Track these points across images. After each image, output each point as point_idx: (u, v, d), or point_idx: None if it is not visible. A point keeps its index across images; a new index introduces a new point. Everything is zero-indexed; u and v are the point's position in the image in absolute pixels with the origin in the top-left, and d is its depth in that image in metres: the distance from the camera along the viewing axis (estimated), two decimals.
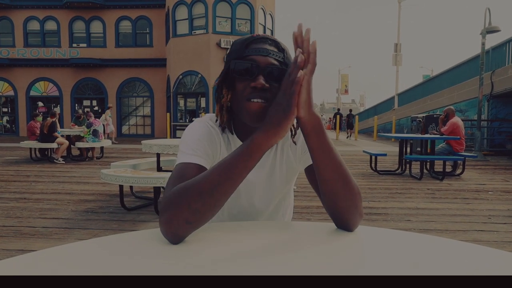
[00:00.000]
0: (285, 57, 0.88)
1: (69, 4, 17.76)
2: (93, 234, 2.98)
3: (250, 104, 0.84)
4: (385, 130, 19.73)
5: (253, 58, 0.85)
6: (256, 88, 0.83)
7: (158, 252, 0.68)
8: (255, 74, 0.84)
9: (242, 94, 0.85)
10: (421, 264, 0.63)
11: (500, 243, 2.87)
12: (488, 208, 3.97)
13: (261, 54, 0.85)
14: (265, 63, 0.85)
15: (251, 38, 0.88)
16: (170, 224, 0.70)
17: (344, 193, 0.79)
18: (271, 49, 0.87)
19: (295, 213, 3.61)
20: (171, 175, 0.84)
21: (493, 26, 8.82)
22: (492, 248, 0.70)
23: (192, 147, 0.88)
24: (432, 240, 0.77)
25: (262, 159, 0.98)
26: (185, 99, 16.76)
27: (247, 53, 0.86)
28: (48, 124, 7.70)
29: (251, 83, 0.83)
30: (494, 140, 10.72)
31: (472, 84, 11.44)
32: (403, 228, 3.21)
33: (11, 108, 19.27)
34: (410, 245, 0.75)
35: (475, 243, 0.73)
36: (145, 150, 4.09)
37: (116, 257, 0.66)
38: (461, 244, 0.74)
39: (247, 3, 15.86)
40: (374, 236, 0.81)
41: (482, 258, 0.67)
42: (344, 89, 43.79)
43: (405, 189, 5.02)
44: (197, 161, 0.86)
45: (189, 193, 0.71)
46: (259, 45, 0.87)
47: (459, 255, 0.69)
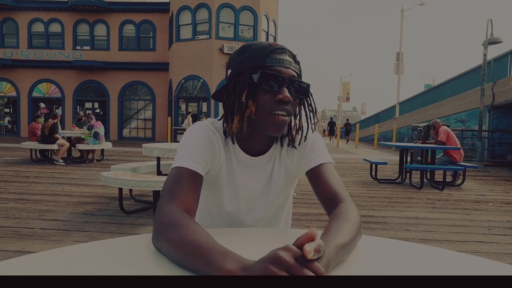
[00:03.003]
0: (300, 69, 0.89)
1: (73, 6, 17.89)
2: (91, 237, 2.97)
3: (275, 117, 0.84)
4: (385, 139, 19.73)
5: (277, 69, 0.84)
6: (282, 101, 0.83)
7: (156, 255, 0.68)
8: (280, 86, 0.83)
9: (268, 106, 0.84)
10: (420, 274, 0.63)
11: (500, 255, 2.85)
12: (488, 219, 3.95)
13: (284, 66, 0.84)
14: (288, 75, 0.84)
15: (270, 47, 0.86)
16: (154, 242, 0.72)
17: None
18: (291, 60, 0.87)
19: (294, 220, 3.60)
20: (167, 179, 0.84)
21: (495, 37, 8.86)
22: (491, 260, 0.70)
23: (190, 151, 0.87)
24: (431, 250, 0.77)
25: (260, 167, 0.99)
26: (187, 103, 16.80)
27: (270, 63, 0.84)
28: (49, 126, 7.71)
29: (277, 95, 0.83)
30: (495, 151, 10.71)
31: (473, 95, 11.46)
32: (402, 238, 3.20)
33: (13, 109, 19.32)
34: (409, 255, 0.75)
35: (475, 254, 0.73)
36: (146, 153, 4.09)
37: (114, 260, 0.66)
38: (460, 255, 0.74)
39: (251, 9, 15.96)
40: (373, 245, 0.81)
41: (481, 269, 0.67)
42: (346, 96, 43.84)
43: (405, 198, 5.01)
44: (192, 166, 0.85)
45: (168, 241, 0.67)
46: (281, 56, 0.85)
47: (458, 266, 0.68)
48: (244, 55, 0.87)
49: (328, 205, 0.88)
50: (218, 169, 0.96)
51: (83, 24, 18.54)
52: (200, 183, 0.86)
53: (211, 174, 0.97)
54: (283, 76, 0.83)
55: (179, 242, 0.64)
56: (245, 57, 0.87)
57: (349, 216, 0.79)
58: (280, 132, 0.86)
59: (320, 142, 0.99)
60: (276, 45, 0.88)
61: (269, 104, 0.84)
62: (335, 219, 0.78)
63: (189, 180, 0.82)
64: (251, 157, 0.97)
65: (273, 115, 0.84)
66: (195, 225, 0.69)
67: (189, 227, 0.67)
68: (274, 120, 0.84)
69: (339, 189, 0.89)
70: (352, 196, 4.96)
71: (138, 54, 18.42)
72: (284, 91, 0.83)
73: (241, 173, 0.98)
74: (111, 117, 18.78)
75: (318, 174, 0.92)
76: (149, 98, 18.72)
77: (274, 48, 0.86)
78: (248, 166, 0.98)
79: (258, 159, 0.98)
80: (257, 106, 0.85)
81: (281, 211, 1.11)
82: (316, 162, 0.94)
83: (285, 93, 0.82)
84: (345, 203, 0.85)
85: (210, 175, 0.97)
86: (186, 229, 0.66)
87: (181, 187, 0.80)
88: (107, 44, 18.53)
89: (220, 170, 0.96)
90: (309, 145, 0.97)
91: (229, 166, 0.97)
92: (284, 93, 0.82)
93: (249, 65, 0.85)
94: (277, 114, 0.84)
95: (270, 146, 0.99)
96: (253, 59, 0.85)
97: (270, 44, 0.87)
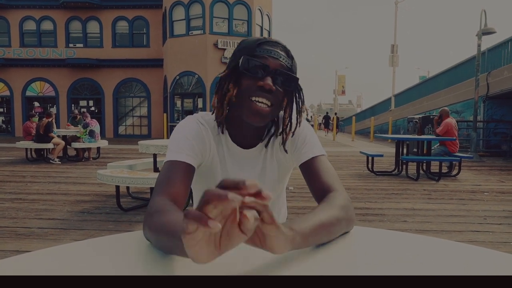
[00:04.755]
0: (293, 64, 0.88)
1: (65, 4, 17.69)
2: (89, 235, 2.97)
3: (252, 104, 0.84)
4: (381, 131, 19.79)
5: (265, 58, 0.85)
6: (262, 88, 0.83)
7: (155, 252, 0.68)
8: (264, 74, 0.84)
9: (247, 91, 0.85)
10: (417, 264, 0.63)
11: (496, 244, 2.89)
12: (484, 209, 3.99)
13: (273, 56, 0.85)
14: (275, 65, 0.85)
15: (264, 39, 0.88)
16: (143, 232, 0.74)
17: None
18: (282, 53, 0.87)
19: (292, 213, 3.61)
20: (160, 173, 0.86)
21: (488, 27, 8.87)
22: (487, 249, 0.71)
23: (180, 145, 0.89)
24: (428, 240, 0.77)
25: (252, 159, 0.99)
26: (182, 99, 16.74)
27: (258, 52, 0.85)
28: (44, 125, 7.66)
29: (259, 82, 0.83)
30: (490, 141, 10.79)
31: (468, 85, 11.50)
32: (399, 229, 3.22)
33: (6, 109, 19.15)
34: (406, 245, 0.75)
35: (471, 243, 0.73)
36: (142, 150, 4.08)
37: (113, 257, 0.66)
38: (457, 244, 0.74)
39: (244, 4, 15.86)
40: (370, 237, 0.81)
41: (477, 258, 0.67)
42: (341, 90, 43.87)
43: (401, 190, 5.04)
44: (183, 159, 0.86)
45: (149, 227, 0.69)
46: (271, 47, 0.86)
47: (454, 256, 0.69)
48: (241, 46, 0.90)
49: (319, 197, 0.88)
50: (210, 161, 0.97)
51: (75, 22, 18.35)
52: (191, 175, 0.87)
53: (204, 166, 0.98)
54: (268, 65, 0.84)
55: (158, 227, 0.65)
56: (239, 48, 0.90)
57: (333, 200, 0.79)
58: (259, 122, 0.86)
59: (312, 134, 0.99)
60: (271, 39, 0.89)
61: (250, 90, 0.85)
62: (320, 205, 0.79)
63: (179, 173, 0.84)
64: (242, 149, 0.98)
65: (252, 101, 0.84)
66: (175, 210, 0.70)
67: (168, 211, 0.69)
68: (252, 106, 0.84)
69: (331, 180, 0.89)
70: (349, 188, 4.99)
71: (131, 50, 18.29)
72: (266, 79, 0.83)
73: (233, 164, 0.99)
74: (106, 114, 18.67)
75: (311, 168, 0.92)
76: (144, 95, 18.63)
77: (266, 40, 0.88)
78: (239, 158, 0.99)
79: (249, 151, 0.99)
80: (238, 90, 0.86)
81: (276, 205, 1.12)
82: (309, 156, 0.94)
83: (266, 81, 0.83)
84: (334, 192, 0.85)
85: (203, 167, 0.98)
86: (164, 213, 0.68)
87: (171, 180, 0.82)
88: (100, 41, 18.37)
89: (213, 161, 0.98)
90: (301, 138, 0.97)
91: (221, 157, 0.98)
92: (266, 81, 0.83)
93: (241, 54, 0.87)
94: (256, 102, 0.84)
95: (261, 139, 0.99)
96: (246, 48, 0.87)
97: (265, 38, 0.89)
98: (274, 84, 0.84)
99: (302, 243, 0.61)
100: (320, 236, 0.68)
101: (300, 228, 0.61)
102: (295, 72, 0.89)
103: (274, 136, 0.99)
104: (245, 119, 0.88)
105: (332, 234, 0.73)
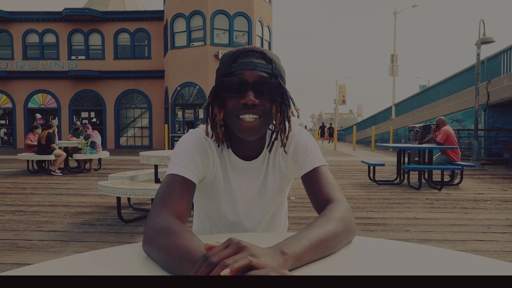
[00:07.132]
0: (274, 67, 0.86)
1: (68, 17, 17.90)
2: (90, 247, 2.95)
3: (241, 121, 0.84)
4: (382, 140, 19.77)
5: (241, 73, 0.83)
6: (246, 105, 0.82)
7: (156, 264, 0.68)
8: (244, 90, 0.82)
9: (233, 111, 0.84)
10: (422, 274, 0.63)
11: (500, 253, 2.85)
12: (487, 218, 3.96)
13: (248, 68, 0.83)
14: (253, 77, 0.83)
15: (237, 53, 0.86)
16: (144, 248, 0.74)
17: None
18: (259, 61, 0.85)
19: (293, 223, 3.59)
20: (161, 185, 0.85)
21: (487, 37, 8.93)
22: (491, 259, 0.70)
23: (183, 159, 0.88)
24: (431, 250, 0.77)
25: (254, 170, 0.99)
26: (183, 110, 16.80)
27: (234, 69, 0.84)
28: (44, 136, 7.69)
29: (241, 100, 0.83)
30: (491, 149, 10.76)
31: (468, 94, 11.52)
32: (402, 239, 3.20)
33: (9, 121, 19.23)
34: (409, 255, 0.74)
35: (475, 253, 0.72)
36: (143, 161, 4.07)
37: (114, 269, 0.65)
38: (461, 254, 0.73)
39: (245, 16, 16.03)
40: (373, 247, 0.81)
41: (482, 268, 0.67)
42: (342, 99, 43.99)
43: (403, 199, 5.01)
44: (184, 173, 0.86)
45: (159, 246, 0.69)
46: (246, 59, 0.85)
47: (458, 266, 0.68)
48: (219, 65, 0.90)
49: (319, 209, 0.87)
50: (213, 175, 0.97)
51: (77, 34, 18.54)
52: (193, 190, 0.86)
53: (207, 181, 0.97)
54: (245, 79, 0.82)
55: (169, 248, 0.65)
56: (219, 66, 0.90)
57: (331, 213, 0.78)
58: (253, 136, 0.86)
59: (313, 145, 0.98)
60: (246, 48, 0.87)
61: (235, 109, 0.84)
62: (316, 219, 0.78)
63: (181, 187, 0.83)
64: (244, 161, 0.98)
65: (240, 119, 0.84)
66: (186, 231, 0.69)
67: (179, 233, 0.68)
68: (241, 124, 0.84)
69: (331, 191, 0.88)
70: (351, 198, 4.97)
71: (133, 62, 18.43)
72: (247, 95, 0.82)
73: (236, 178, 0.99)
74: (108, 126, 18.72)
75: (311, 179, 0.92)
76: (146, 106, 18.70)
77: (240, 53, 0.86)
78: (242, 170, 0.99)
79: (251, 163, 0.98)
80: (224, 112, 0.87)
81: (278, 214, 1.11)
82: (310, 167, 0.94)
83: (248, 97, 0.82)
84: (334, 203, 0.84)
85: (206, 182, 0.97)
86: (177, 235, 0.67)
87: (173, 194, 0.81)
88: (102, 53, 18.53)
89: (216, 176, 0.97)
90: (302, 148, 0.96)
91: (225, 171, 0.98)
92: (248, 97, 0.82)
93: (219, 74, 0.87)
94: (243, 119, 0.83)
95: (262, 150, 0.99)
96: (222, 68, 0.87)
97: (239, 49, 0.87)
98: (258, 96, 0.83)
99: (296, 264, 0.63)
100: (316, 253, 0.68)
101: (292, 250, 0.62)
102: (279, 73, 0.87)
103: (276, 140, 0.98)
104: (238, 135, 0.88)
105: (330, 249, 0.72)
